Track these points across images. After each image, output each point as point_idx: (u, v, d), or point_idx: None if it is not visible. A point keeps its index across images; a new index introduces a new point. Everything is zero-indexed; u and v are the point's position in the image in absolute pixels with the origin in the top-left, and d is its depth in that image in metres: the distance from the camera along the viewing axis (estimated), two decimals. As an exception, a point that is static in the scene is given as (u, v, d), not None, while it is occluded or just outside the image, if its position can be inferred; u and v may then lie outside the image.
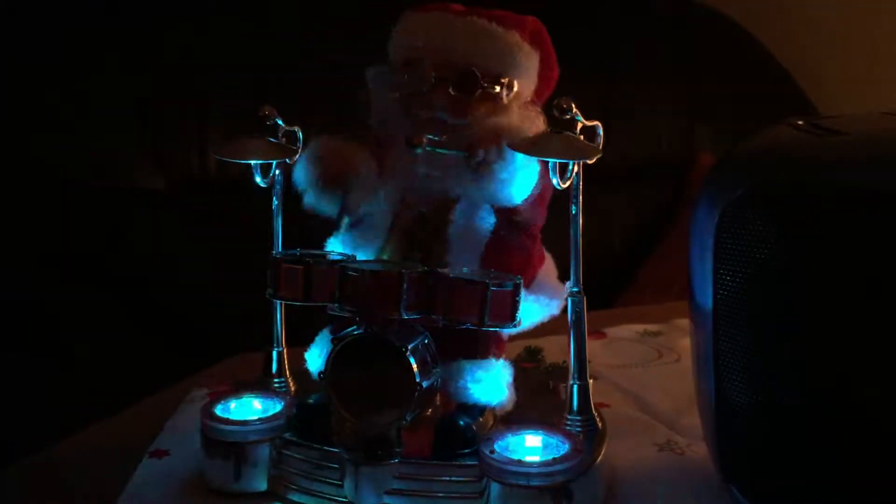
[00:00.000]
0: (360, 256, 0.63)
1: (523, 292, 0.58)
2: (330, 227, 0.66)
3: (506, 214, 0.61)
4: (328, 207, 0.63)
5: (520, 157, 0.58)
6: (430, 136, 0.60)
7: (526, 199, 0.61)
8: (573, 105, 0.57)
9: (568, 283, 0.61)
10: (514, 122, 0.61)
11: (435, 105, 0.61)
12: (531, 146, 0.58)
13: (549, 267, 0.65)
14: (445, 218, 0.62)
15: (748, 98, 1.73)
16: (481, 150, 0.59)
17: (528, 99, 0.63)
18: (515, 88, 0.62)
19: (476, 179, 0.60)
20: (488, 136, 0.60)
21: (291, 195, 0.65)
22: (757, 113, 1.62)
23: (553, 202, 0.64)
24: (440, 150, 0.60)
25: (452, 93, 0.60)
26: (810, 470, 0.52)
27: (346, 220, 0.64)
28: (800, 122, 0.59)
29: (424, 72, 0.61)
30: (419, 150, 0.60)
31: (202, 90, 1.42)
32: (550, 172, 0.58)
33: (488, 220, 0.61)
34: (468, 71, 0.60)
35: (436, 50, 0.61)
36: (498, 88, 0.61)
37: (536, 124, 0.62)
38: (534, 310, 0.62)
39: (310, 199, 0.63)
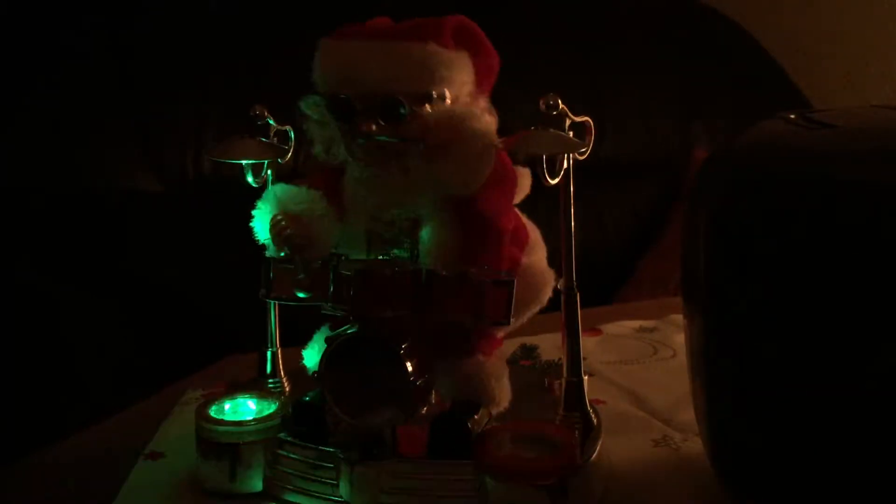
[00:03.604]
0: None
1: None
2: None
3: (469, 215, 0.59)
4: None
5: (472, 139, 0.58)
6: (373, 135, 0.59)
7: (485, 192, 0.59)
8: (559, 101, 0.57)
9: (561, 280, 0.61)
10: (464, 108, 0.60)
11: (369, 135, 0.59)
12: (516, 144, 0.58)
13: (535, 247, 0.65)
14: (416, 236, 0.61)
15: (743, 94, 1.73)
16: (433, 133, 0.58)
17: (468, 99, 0.61)
18: (448, 98, 0.60)
19: (431, 167, 0.58)
20: (445, 121, 0.59)
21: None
22: (752, 109, 1.62)
23: (547, 198, 0.64)
24: (389, 139, 0.59)
25: (381, 123, 0.58)
26: (803, 465, 0.52)
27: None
28: (792, 116, 0.59)
29: (352, 109, 0.59)
30: (363, 141, 0.59)
31: (197, 92, 1.42)
32: (539, 169, 0.58)
33: (455, 233, 0.59)
34: (390, 99, 0.58)
35: (356, 83, 0.59)
36: (428, 107, 0.59)
37: (484, 118, 0.60)
38: (521, 302, 0.60)
39: (272, 253, 0.62)
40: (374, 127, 0.58)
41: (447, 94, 0.60)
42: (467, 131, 0.59)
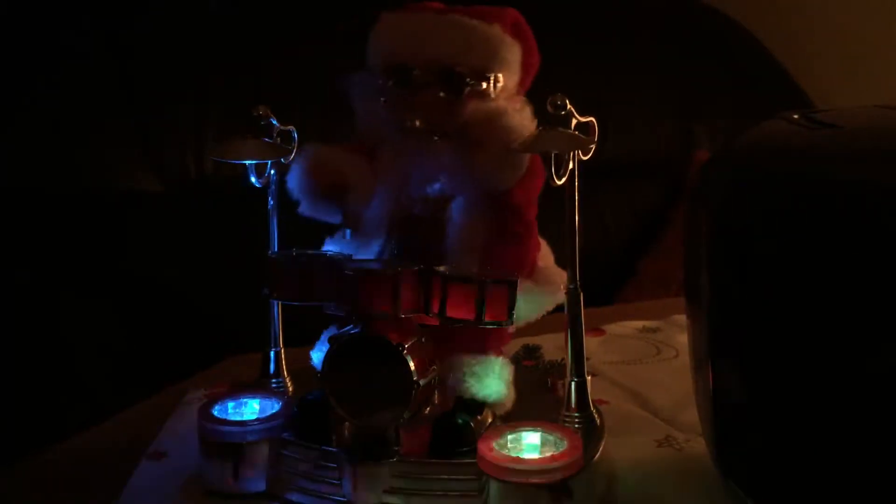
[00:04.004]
0: (358, 257, 0.63)
1: (526, 283, 0.58)
2: (326, 227, 0.66)
3: (500, 203, 0.61)
4: (325, 216, 0.63)
5: (509, 137, 0.58)
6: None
7: (516, 186, 0.60)
8: (567, 101, 0.57)
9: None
10: (505, 106, 0.61)
11: (424, 108, 0.60)
12: (526, 142, 0.58)
13: (545, 254, 0.65)
14: (442, 217, 0.62)
15: (745, 95, 1.73)
16: (476, 129, 0.59)
17: (513, 91, 0.63)
18: (501, 83, 0.61)
19: (470, 162, 0.59)
20: (481, 117, 0.60)
21: (287, 195, 0.64)
22: (754, 110, 1.62)
23: (550, 199, 0.64)
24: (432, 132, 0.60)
25: (440, 94, 0.60)
26: (807, 465, 0.52)
27: (347, 229, 0.64)
28: (794, 116, 0.59)
29: (409, 75, 0.60)
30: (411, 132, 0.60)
31: (198, 92, 1.42)
32: (546, 169, 0.58)
33: (484, 215, 0.61)
34: (454, 71, 0.60)
35: (418, 52, 0.60)
36: (485, 85, 0.60)
37: (524, 113, 0.61)
38: (538, 300, 0.62)
39: (304, 208, 0.62)
40: (417, 123, 0.60)
41: (501, 79, 0.61)
42: (504, 129, 0.59)
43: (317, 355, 0.66)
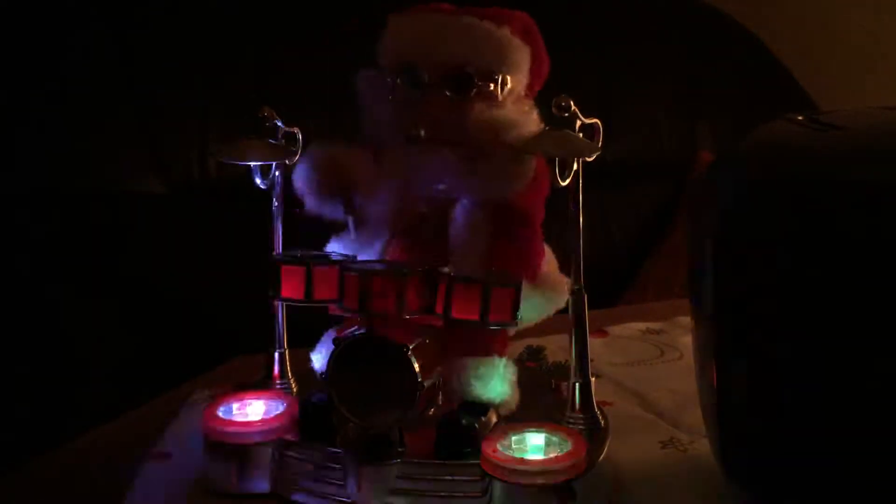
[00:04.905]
0: (362, 257, 0.63)
1: (529, 287, 0.58)
2: (330, 227, 0.66)
3: (504, 209, 0.61)
4: (330, 212, 0.63)
5: (514, 147, 0.59)
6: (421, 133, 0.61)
7: (522, 191, 0.60)
8: (572, 103, 0.57)
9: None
10: (510, 115, 0.61)
11: (431, 108, 0.61)
12: (531, 144, 0.58)
13: (549, 260, 0.65)
14: (445, 218, 0.62)
15: (749, 96, 1.73)
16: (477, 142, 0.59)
17: (521, 94, 0.63)
18: (509, 85, 0.62)
19: (472, 172, 0.60)
20: (484, 128, 0.60)
21: (291, 196, 0.65)
22: (758, 111, 1.62)
23: (554, 201, 0.64)
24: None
25: (448, 94, 0.60)
26: (812, 466, 0.52)
27: (351, 224, 0.64)
28: (799, 118, 0.59)
29: (418, 75, 0.61)
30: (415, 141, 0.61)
31: (202, 93, 1.42)
32: (550, 170, 0.58)
33: (487, 218, 0.61)
34: (463, 71, 0.60)
35: (428, 52, 0.61)
36: (493, 86, 0.61)
37: (531, 118, 0.62)
38: (540, 304, 0.62)
39: (310, 205, 0.63)
40: (421, 132, 0.60)
41: (510, 81, 0.61)
42: (510, 137, 0.59)
43: (317, 357, 0.66)
